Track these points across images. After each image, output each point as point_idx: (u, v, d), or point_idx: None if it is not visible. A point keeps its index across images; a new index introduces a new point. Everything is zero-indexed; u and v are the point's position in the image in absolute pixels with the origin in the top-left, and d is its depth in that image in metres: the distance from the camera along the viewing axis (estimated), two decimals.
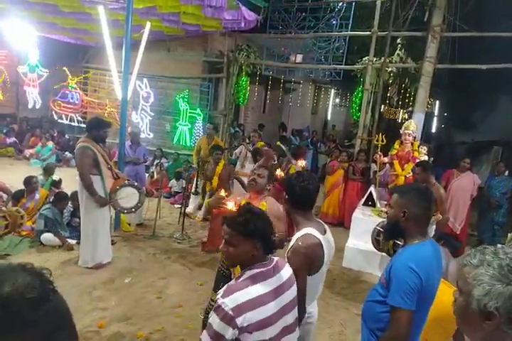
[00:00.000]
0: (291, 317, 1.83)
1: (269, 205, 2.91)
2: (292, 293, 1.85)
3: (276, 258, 1.88)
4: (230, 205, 2.80)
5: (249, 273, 1.74)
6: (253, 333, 1.63)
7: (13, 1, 7.28)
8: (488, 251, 1.07)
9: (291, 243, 2.20)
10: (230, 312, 1.58)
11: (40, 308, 0.74)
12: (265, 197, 3.05)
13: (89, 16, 7.46)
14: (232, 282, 1.76)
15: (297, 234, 2.22)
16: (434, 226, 4.48)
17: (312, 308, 2.39)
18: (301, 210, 2.30)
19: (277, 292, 1.76)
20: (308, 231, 2.19)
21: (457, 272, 1.19)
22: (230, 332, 1.58)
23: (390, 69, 7.96)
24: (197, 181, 6.31)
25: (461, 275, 1.11)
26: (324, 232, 2.30)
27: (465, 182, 6.28)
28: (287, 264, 1.94)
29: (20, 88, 11.93)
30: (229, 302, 1.60)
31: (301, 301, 2.03)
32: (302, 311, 2.12)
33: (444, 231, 4.57)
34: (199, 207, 6.62)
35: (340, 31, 9.61)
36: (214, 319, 1.61)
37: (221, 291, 1.69)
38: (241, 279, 1.73)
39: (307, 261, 2.12)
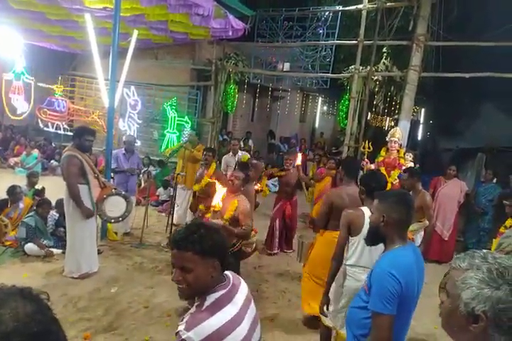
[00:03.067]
0: (258, 331, 1.65)
1: (240, 202, 3.59)
2: (253, 306, 1.66)
3: (229, 274, 1.65)
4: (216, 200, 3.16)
5: (212, 297, 1.51)
6: None
7: None
8: (477, 255, 1.08)
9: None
10: None
11: None
12: (238, 195, 3.68)
13: (76, 24, 7.45)
14: (194, 310, 1.50)
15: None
16: (422, 233, 4.51)
17: None
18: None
19: (243, 311, 1.57)
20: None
21: (446, 275, 1.20)
22: None
23: (375, 77, 8.09)
24: (175, 191, 6.14)
25: (450, 278, 1.12)
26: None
27: (452, 189, 6.36)
28: (239, 277, 1.72)
29: (6, 96, 11.81)
30: (194, 335, 1.38)
31: None
32: None
33: (431, 238, 4.59)
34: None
35: (327, 40, 9.75)
36: None
37: (184, 322, 1.45)
38: (204, 306, 1.49)
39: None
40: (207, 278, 1.51)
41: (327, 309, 2.95)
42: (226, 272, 1.65)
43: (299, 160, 5.62)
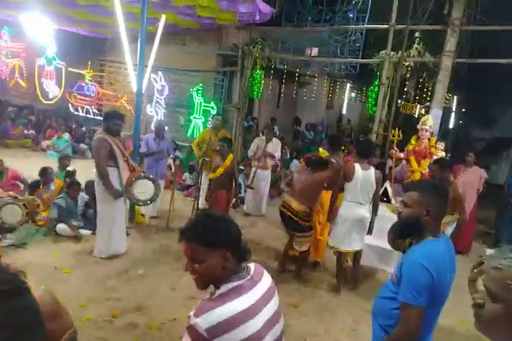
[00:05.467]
0: (278, 328, 1.61)
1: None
2: (276, 301, 1.63)
3: (252, 266, 1.62)
4: None
5: (225, 287, 1.50)
6: None
7: None
8: None
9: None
10: (204, 334, 1.37)
11: (11, 301, 0.75)
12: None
13: (104, 9, 7.49)
14: (206, 298, 1.51)
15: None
16: (454, 226, 4.39)
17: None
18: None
19: (260, 305, 1.53)
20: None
21: (486, 276, 1.13)
22: None
23: (407, 63, 7.82)
24: (201, 174, 6.12)
25: (495, 280, 1.06)
26: None
27: (471, 177, 6.22)
28: (265, 271, 1.68)
29: (38, 80, 12.09)
30: (202, 322, 1.39)
31: None
32: None
33: (461, 231, 4.47)
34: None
35: (357, 24, 9.48)
36: (187, 340, 1.42)
37: (194, 309, 1.46)
38: (216, 295, 1.49)
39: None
40: (217, 268, 1.50)
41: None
42: (249, 264, 1.62)
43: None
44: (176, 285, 4.26)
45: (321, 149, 5.00)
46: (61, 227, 5.22)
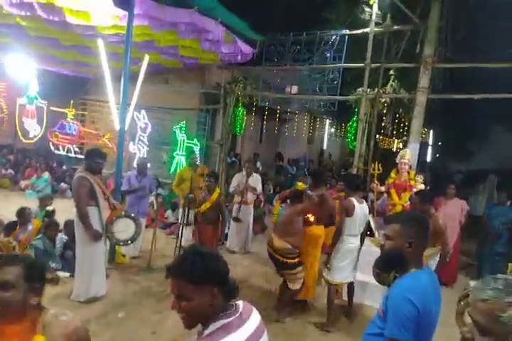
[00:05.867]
0: None
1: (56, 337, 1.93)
2: (265, 338, 1.59)
3: (241, 303, 1.58)
4: None
5: (213, 326, 1.45)
6: None
7: (15, 35, 7.47)
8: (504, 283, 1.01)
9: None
10: None
11: None
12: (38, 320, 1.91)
13: (88, 49, 7.66)
14: (196, 338, 1.48)
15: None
16: (437, 258, 4.38)
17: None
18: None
19: None
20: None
21: (472, 309, 1.12)
22: None
23: (383, 99, 8.11)
24: (188, 212, 6.08)
25: (484, 313, 1.04)
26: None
27: (452, 208, 6.30)
28: (254, 308, 1.64)
29: (19, 119, 12.04)
30: None
31: None
32: None
33: (445, 263, 4.46)
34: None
35: (335, 63, 9.88)
36: None
37: None
38: (204, 335, 1.45)
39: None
40: (205, 306, 1.45)
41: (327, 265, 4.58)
42: (237, 301, 1.58)
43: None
44: (158, 329, 4.08)
45: (299, 183, 5.03)
46: None
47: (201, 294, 1.45)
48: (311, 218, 4.75)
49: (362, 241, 4.73)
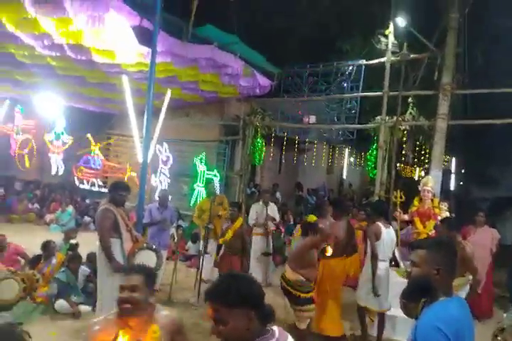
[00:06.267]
0: None
1: (166, 326, 2.22)
2: None
3: (276, 329, 1.61)
4: None
5: None
6: None
7: (45, 75, 7.87)
8: None
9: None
10: None
11: None
12: (158, 316, 2.24)
13: (113, 86, 7.98)
14: None
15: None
16: (468, 289, 4.20)
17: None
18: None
19: None
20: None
21: (508, 334, 1.08)
22: None
23: (403, 127, 8.10)
24: (207, 242, 6.05)
25: None
26: None
27: (483, 237, 6.02)
28: (289, 335, 1.66)
29: (45, 155, 12.44)
30: None
31: None
32: None
33: (477, 293, 4.27)
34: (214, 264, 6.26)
35: (352, 93, 9.98)
36: None
37: None
38: None
39: None
40: (242, 330, 1.48)
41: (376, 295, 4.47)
42: (273, 327, 1.60)
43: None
44: None
45: (312, 216, 4.94)
46: (60, 304, 5.01)
47: (237, 317, 1.47)
48: (329, 251, 4.57)
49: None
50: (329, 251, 4.55)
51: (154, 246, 4.88)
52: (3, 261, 5.63)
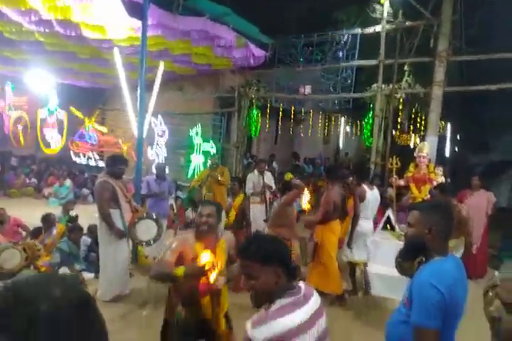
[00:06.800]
0: None
1: (228, 241, 2.96)
2: (324, 320, 1.71)
3: (302, 284, 1.74)
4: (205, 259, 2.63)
5: (279, 302, 1.60)
6: None
7: (35, 51, 7.71)
8: None
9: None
10: None
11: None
12: (222, 234, 2.99)
13: (105, 61, 7.84)
14: (262, 312, 1.63)
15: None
16: (462, 251, 4.33)
17: None
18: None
19: (312, 321, 1.61)
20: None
21: (500, 288, 1.13)
22: None
23: (399, 95, 8.06)
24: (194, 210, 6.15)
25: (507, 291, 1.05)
26: None
27: (479, 200, 6.12)
28: (314, 291, 1.78)
29: (40, 131, 12.37)
30: (260, 334, 1.49)
31: None
32: None
33: (471, 254, 4.40)
34: None
35: (347, 62, 9.84)
36: None
37: (250, 321, 1.58)
38: (272, 309, 1.59)
39: None
40: (271, 284, 1.63)
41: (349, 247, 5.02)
42: (299, 283, 1.74)
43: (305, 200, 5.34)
44: None
45: (288, 174, 5.14)
46: (63, 271, 5.14)
47: (267, 273, 1.63)
48: (307, 207, 5.00)
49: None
50: (307, 207, 4.97)
51: (154, 216, 4.96)
52: (4, 234, 5.74)
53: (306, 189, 4.96)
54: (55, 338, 0.74)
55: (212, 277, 2.65)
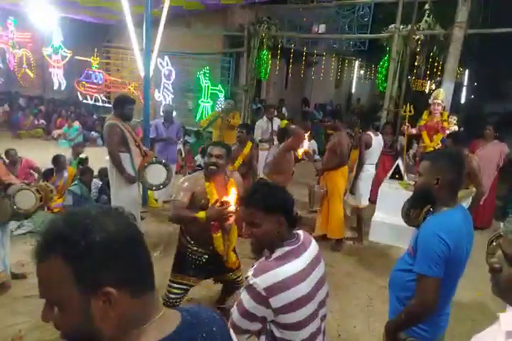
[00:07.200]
0: (324, 291, 1.76)
1: (237, 180, 3.12)
2: (322, 267, 1.77)
3: (301, 232, 1.77)
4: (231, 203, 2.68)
5: (280, 251, 1.64)
6: (289, 314, 1.56)
7: None
8: None
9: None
10: (263, 293, 1.52)
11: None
12: (231, 174, 3.12)
13: None
14: (263, 260, 1.66)
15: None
16: (469, 201, 4.33)
17: None
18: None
19: (310, 268, 1.67)
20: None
21: (503, 240, 1.13)
22: (262, 312, 1.55)
23: (417, 36, 7.63)
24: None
25: (510, 244, 1.05)
26: None
27: (491, 151, 5.99)
28: (313, 238, 1.82)
29: (46, 70, 12.10)
30: (261, 282, 1.53)
31: None
32: None
33: (479, 205, 4.41)
34: None
35: None
36: (245, 297, 1.56)
37: (252, 269, 1.60)
38: (273, 257, 1.63)
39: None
40: (273, 232, 1.65)
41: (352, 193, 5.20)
42: (298, 231, 1.77)
43: (306, 144, 5.14)
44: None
45: (284, 121, 5.04)
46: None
47: (270, 221, 1.65)
48: (301, 154, 4.85)
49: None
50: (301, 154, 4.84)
51: (163, 161, 4.98)
52: (16, 175, 5.83)
53: (306, 135, 4.84)
54: (105, 267, 0.78)
55: (232, 218, 2.74)
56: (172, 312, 0.92)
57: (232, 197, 2.70)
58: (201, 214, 2.67)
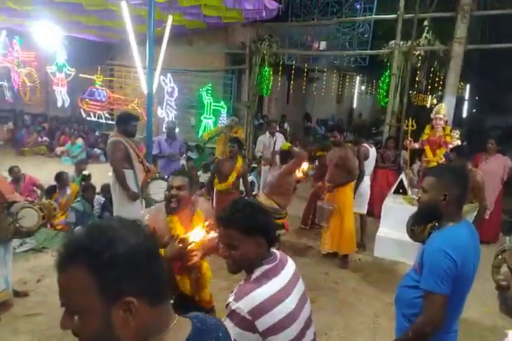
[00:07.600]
0: (308, 307, 1.70)
1: (205, 211, 2.74)
2: (302, 283, 1.71)
3: (277, 252, 1.70)
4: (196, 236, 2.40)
5: (259, 270, 1.57)
6: (277, 335, 1.48)
7: (40, 2, 7.43)
8: None
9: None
10: (248, 316, 1.43)
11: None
12: (195, 203, 2.72)
13: (112, 13, 7.54)
14: (242, 283, 1.59)
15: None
16: (475, 214, 4.29)
17: None
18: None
19: (291, 285, 1.62)
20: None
21: (509, 256, 1.11)
22: (249, 338, 1.45)
23: (417, 52, 7.72)
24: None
25: None
26: None
27: (494, 165, 5.96)
28: (288, 256, 1.77)
29: (50, 88, 12.25)
30: (244, 305, 1.45)
31: None
32: None
33: (483, 219, 4.37)
34: None
35: (365, 15, 9.36)
36: (229, 326, 1.41)
37: (232, 295, 1.53)
38: (252, 278, 1.56)
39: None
40: (252, 254, 1.56)
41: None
42: (274, 250, 1.69)
43: (305, 165, 5.06)
44: None
45: (286, 143, 4.94)
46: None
47: (249, 243, 1.55)
48: (301, 175, 4.93)
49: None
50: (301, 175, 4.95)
51: (166, 176, 4.97)
52: (20, 192, 5.84)
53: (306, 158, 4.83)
54: (127, 277, 0.81)
55: (197, 257, 2.42)
56: (183, 319, 0.95)
57: (197, 232, 2.40)
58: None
